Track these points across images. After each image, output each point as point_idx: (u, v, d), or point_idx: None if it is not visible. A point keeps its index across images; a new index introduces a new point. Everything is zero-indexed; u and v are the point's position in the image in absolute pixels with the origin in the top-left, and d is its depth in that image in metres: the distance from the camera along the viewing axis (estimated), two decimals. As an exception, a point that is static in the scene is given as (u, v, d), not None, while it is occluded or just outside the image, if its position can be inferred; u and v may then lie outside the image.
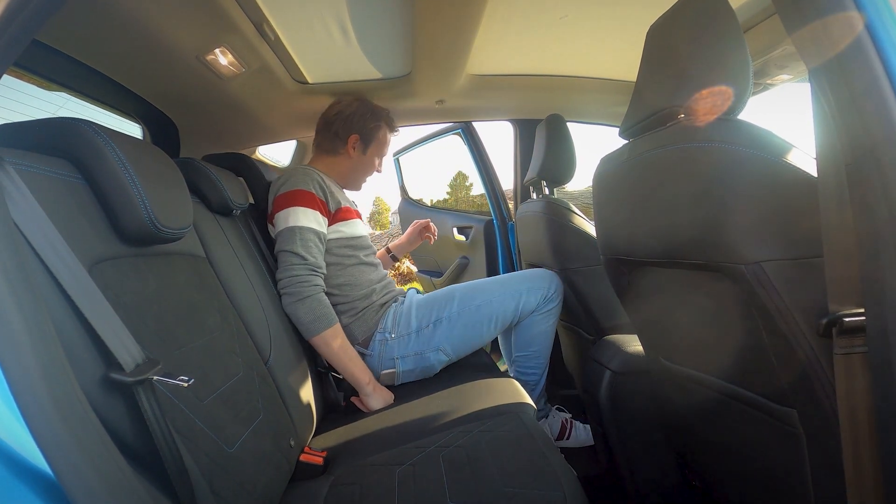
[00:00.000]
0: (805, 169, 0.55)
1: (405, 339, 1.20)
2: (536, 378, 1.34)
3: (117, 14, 0.87)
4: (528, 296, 1.25)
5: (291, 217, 1.14)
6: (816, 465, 0.60)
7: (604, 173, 0.84)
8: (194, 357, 0.69)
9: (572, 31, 1.24)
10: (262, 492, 0.71)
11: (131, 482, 0.45)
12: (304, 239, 1.12)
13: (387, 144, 1.39)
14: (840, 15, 0.44)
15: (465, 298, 1.23)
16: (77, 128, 0.62)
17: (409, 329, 1.21)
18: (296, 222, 1.13)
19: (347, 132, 1.31)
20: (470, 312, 1.21)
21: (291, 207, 1.14)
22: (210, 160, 1.35)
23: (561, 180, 1.56)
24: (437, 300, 1.25)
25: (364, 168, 1.37)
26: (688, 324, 0.78)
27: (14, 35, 0.45)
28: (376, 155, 1.38)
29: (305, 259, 1.11)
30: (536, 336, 1.30)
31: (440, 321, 1.21)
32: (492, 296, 1.23)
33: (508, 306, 1.23)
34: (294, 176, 1.19)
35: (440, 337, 1.20)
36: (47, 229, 0.51)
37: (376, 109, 1.35)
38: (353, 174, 1.37)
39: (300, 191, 1.16)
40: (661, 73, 0.69)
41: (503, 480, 0.73)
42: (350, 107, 1.32)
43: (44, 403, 0.40)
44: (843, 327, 0.47)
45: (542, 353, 1.33)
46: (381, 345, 1.21)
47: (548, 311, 1.29)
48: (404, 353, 1.20)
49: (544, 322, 1.30)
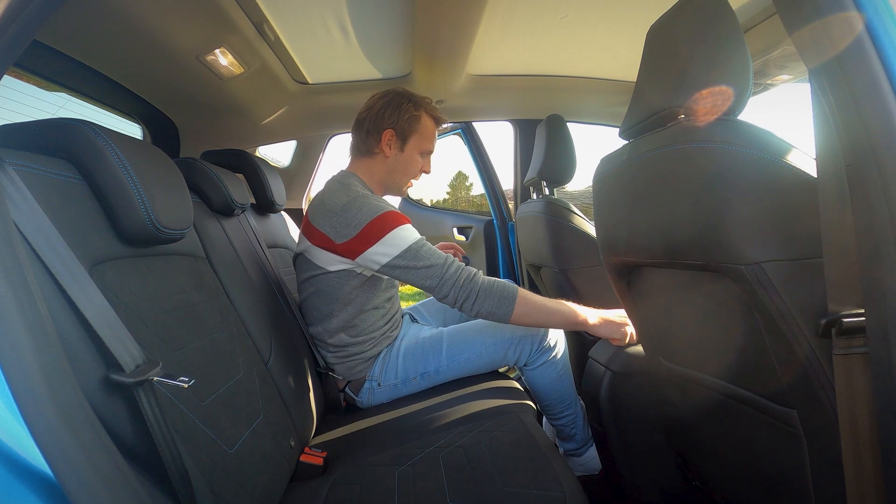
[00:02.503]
0: (805, 169, 0.55)
1: (392, 389, 1.16)
2: (567, 423, 1.19)
3: (117, 14, 0.87)
4: (520, 346, 1.14)
5: (400, 237, 1.01)
6: (816, 465, 0.60)
7: (604, 173, 0.84)
8: (194, 358, 0.69)
9: (572, 31, 1.24)
10: (262, 492, 0.71)
11: (131, 483, 0.45)
12: (428, 248, 1.03)
13: (431, 138, 1.18)
14: (840, 15, 0.44)
15: (453, 350, 1.15)
16: (77, 129, 0.62)
17: (395, 379, 1.16)
18: (411, 238, 1.02)
19: (380, 128, 1.13)
20: (458, 365, 1.15)
21: (392, 231, 1.01)
22: (209, 156, 1.35)
23: (561, 180, 1.56)
24: (424, 349, 1.17)
25: (404, 168, 1.17)
26: (688, 324, 0.78)
27: (14, 35, 0.45)
28: (418, 151, 1.17)
29: (445, 263, 1.02)
30: (545, 388, 1.17)
31: (427, 374, 1.15)
32: (482, 347, 1.15)
33: (497, 357, 1.15)
34: (366, 205, 1.03)
35: (428, 388, 1.17)
36: (47, 230, 0.51)
37: (414, 98, 1.15)
38: (392, 177, 1.18)
39: (388, 213, 1.03)
40: (661, 73, 0.69)
41: (503, 480, 0.73)
42: (382, 99, 1.14)
43: (44, 404, 0.40)
44: (843, 327, 0.47)
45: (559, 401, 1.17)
46: (369, 393, 1.17)
47: (543, 364, 1.15)
48: (392, 399, 1.17)
49: (545, 375, 1.16)
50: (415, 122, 1.14)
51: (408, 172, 1.19)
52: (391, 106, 1.13)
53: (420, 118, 1.15)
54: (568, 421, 1.18)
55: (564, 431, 1.19)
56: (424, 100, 1.17)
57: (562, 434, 1.20)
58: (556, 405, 1.17)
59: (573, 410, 1.18)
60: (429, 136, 1.18)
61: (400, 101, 1.13)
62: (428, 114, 1.17)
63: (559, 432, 1.21)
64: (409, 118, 1.13)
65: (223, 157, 1.35)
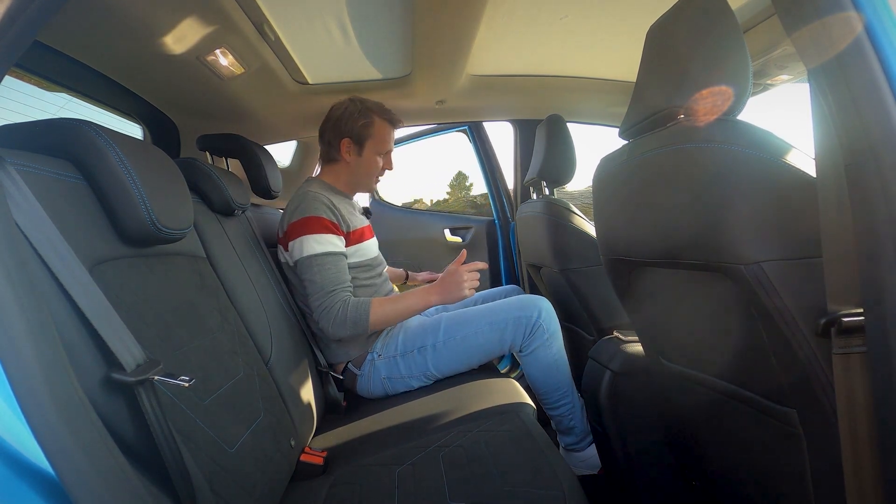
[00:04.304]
0: (804, 169, 0.55)
1: (391, 361, 1.20)
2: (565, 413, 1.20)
3: (118, 15, 0.87)
4: (515, 328, 1.18)
5: (306, 246, 1.13)
6: (816, 465, 0.60)
7: (604, 174, 0.84)
8: (195, 357, 0.69)
9: (572, 31, 1.24)
10: (262, 492, 0.71)
11: (132, 482, 0.45)
12: (320, 265, 1.12)
13: (386, 140, 1.29)
14: (839, 15, 0.44)
15: (451, 329, 1.21)
16: (78, 129, 0.62)
17: (395, 351, 1.20)
18: (311, 251, 1.13)
19: (338, 138, 1.26)
20: (455, 342, 1.19)
21: (303, 236, 1.14)
22: (205, 140, 1.35)
23: (561, 180, 1.56)
24: (425, 327, 1.23)
25: (366, 170, 1.29)
26: (688, 324, 0.78)
27: (15, 36, 0.45)
28: (375, 153, 1.28)
29: (323, 286, 1.12)
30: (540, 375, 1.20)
31: (425, 348, 1.19)
32: (477, 327, 1.19)
33: (493, 338, 1.19)
34: (304, 202, 1.17)
35: (426, 364, 1.19)
36: (48, 230, 0.51)
37: (365, 105, 1.26)
38: (357, 178, 1.31)
39: (311, 218, 1.15)
40: (660, 73, 0.69)
41: (503, 480, 0.74)
42: (337, 110, 1.26)
43: (45, 403, 0.40)
44: (842, 327, 0.47)
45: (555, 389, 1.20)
46: (369, 365, 1.21)
47: (537, 349, 1.18)
48: (391, 375, 1.20)
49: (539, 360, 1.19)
50: (369, 128, 1.25)
51: (370, 173, 1.31)
52: (345, 115, 1.24)
53: (373, 123, 1.26)
54: (566, 411, 1.20)
55: (563, 423, 1.21)
56: (377, 105, 1.27)
57: (560, 427, 1.22)
58: (552, 393, 1.20)
59: (570, 400, 1.20)
60: (383, 138, 1.28)
61: (353, 109, 1.25)
62: (381, 118, 1.27)
63: (557, 425, 1.22)
64: (363, 125, 1.25)
65: (220, 141, 1.35)
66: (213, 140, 1.36)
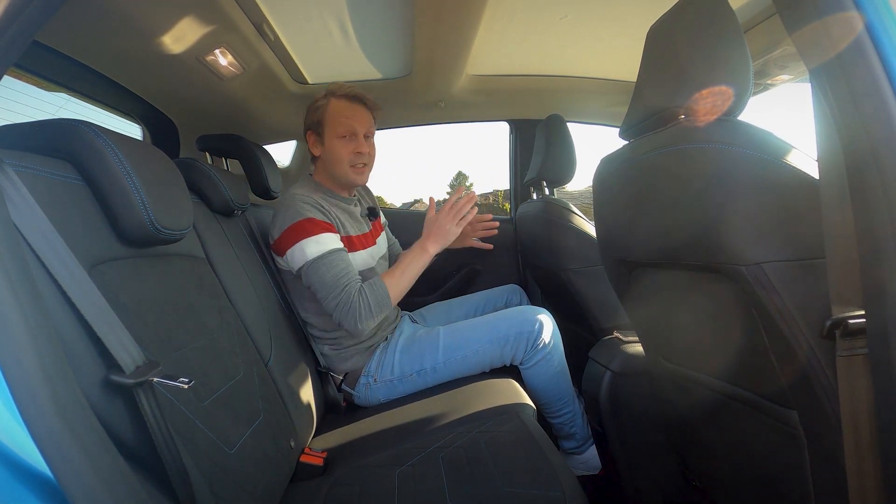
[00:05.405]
0: (804, 170, 0.55)
1: (389, 385, 1.18)
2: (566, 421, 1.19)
3: (117, 15, 0.87)
4: (515, 343, 1.16)
5: (308, 249, 1.08)
6: (817, 466, 0.60)
7: (604, 174, 0.84)
8: (194, 358, 0.69)
9: (572, 31, 1.24)
10: (262, 493, 0.71)
11: (131, 484, 0.45)
12: (326, 265, 1.08)
13: (341, 119, 1.16)
14: (840, 15, 0.44)
15: (450, 349, 1.17)
16: (77, 129, 0.62)
17: (391, 375, 1.17)
18: (312, 254, 1.08)
19: (305, 133, 1.22)
20: (455, 363, 1.17)
21: (301, 241, 1.09)
22: (205, 140, 1.35)
23: (561, 180, 1.56)
24: (421, 346, 1.19)
25: (334, 158, 1.18)
26: (688, 324, 0.78)
27: (14, 36, 0.45)
28: (335, 137, 1.16)
29: (336, 284, 1.07)
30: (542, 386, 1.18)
31: (424, 371, 1.17)
32: (478, 345, 1.16)
33: (493, 354, 1.17)
34: (291, 207, 1.11)
35: (426, 386, 1.18)
36: (47, 231, 0.51)
37: (329, 90, 1.18)
38: (333, 170, 1.21)
39: (303, 220, 1.10)
40: (661, 73, 0.69)
41: (503, 480, 0.73)
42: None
43: (44, 405, 0.40)
44: (848, 329, 0.47)
45: (557, 399, 1.19)
46: (365, 388, 1.18)
47: (539, 362, 1.16)
48: (389, 397, 1.18)
49: (541, 373, 1.17)
50: (321, 112, 1.17)
51: (340, 161, 1.18)
52: (307, 112, 1.20)
53: (325, 106, 1.17)
54: (567, 419, 1.19)
55: (564, 430, 1.20)
56: (340, 86, 1.18)
57: (561, 432, 1.21)
58: (554, 403, 1.18)
59: (571, 409, 1.19)
60: (338, 118, 1.16)
61: (316, 97, 1.18)
62: (337, 96, 1.17)
63: (558, 431, 1.21)
64: (315, 111, 1.17)
65: (219, 141, 1.35)
66: (213, 140, 1.36)
